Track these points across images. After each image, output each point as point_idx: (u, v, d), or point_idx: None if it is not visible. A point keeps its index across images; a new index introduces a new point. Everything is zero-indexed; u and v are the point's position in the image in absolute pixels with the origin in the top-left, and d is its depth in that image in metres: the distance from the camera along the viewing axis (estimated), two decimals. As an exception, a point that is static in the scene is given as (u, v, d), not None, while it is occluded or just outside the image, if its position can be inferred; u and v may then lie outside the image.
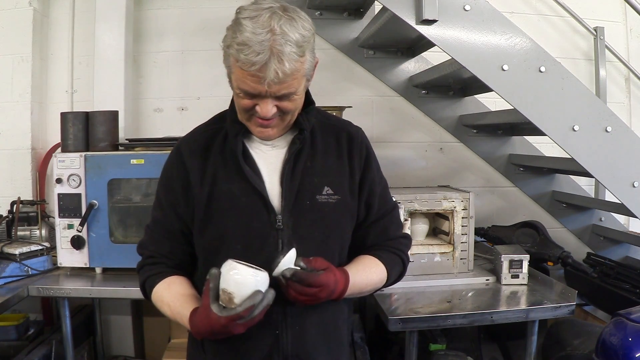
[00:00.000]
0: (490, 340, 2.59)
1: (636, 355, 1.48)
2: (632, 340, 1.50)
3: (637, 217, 2.06)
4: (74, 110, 2.61)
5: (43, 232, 2.49)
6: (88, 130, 2.31)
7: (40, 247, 2.22)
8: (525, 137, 2.89)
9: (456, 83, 2.74)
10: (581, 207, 2.86)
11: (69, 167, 2.17)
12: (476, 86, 2.65)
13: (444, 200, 2.15)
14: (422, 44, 2.67)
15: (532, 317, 1.87)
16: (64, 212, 2.17)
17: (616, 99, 3.03)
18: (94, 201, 2.16)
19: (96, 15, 2.62)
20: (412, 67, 2.85)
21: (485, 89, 2.14)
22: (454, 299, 1.95)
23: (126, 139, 2.48)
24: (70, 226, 2.17)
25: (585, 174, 2.14)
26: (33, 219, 2.53)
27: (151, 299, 1.23)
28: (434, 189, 2.40)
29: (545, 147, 2.88)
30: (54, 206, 2.23)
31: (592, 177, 2.08)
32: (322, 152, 1.23)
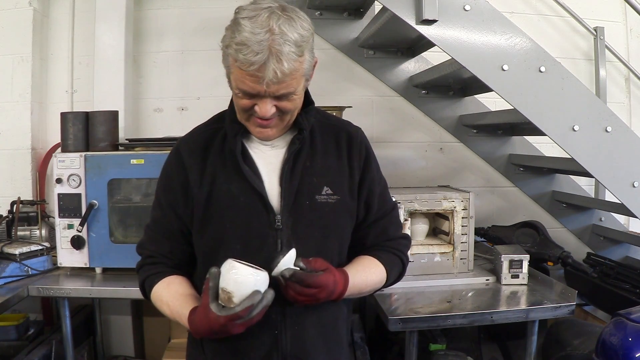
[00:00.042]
0: (490, 340, 2.59)
1: (636, 355, 1.47)
2: (632, 340, 1.50)
3: (637, 217, 2.06)
4: (74, 110, 2.61)
5: (43, 232, 2.49)
6: (88, 130, 2.32)
7: (40, 247, 2.22)
8: (525, 137, 2.89)
9: (456, 83, 2.73)
10: (581, 207, 2.86)
11: (69, 167, 2.17)
12: (476, 86, 2.65)
13: (444, 200, 2.15)
14: (422, 44, 2.67)
15: (532, 317, 1.86)
16: (64, 212, 2.18)
17: (616, 99, 3.03)
18: (94, 201, 2.16)
19: (96, 15, 2.62)
20: (412, 67, 2.85)
21: (485, 89, 2.14)
22: (454, 299, 1.95)
23: (126, 139, 2.48)
24: (70, 226, 2.18)
25: (585, 174, 2.14)
26: (33, 219, 2.53)
27: (150, 299, 1.23)
28: (434, 189, 2.40)
29: (545, 147, 2.88)
30: (54, 206, 2.23)
31: (592, 177, 2.07)
32: (322, 152, 1.23)
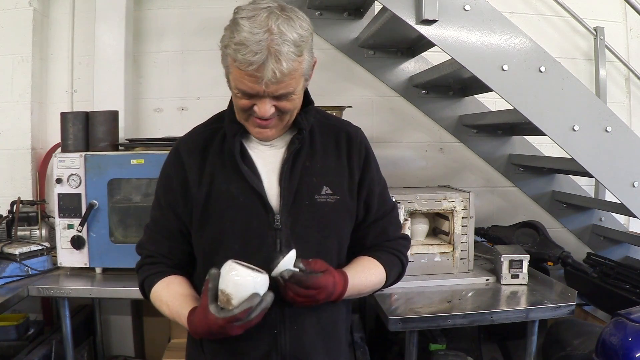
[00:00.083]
0: (490, 340, 2.58)
1: (636, 355, 1.47)
2: (632, 340, 1.50)
3: (637, 217, 2.06)
4: (74, 110, 2.61)
5: (43, 232, 2.49)
6: (88, 130, 2.32)
7: (40, 247, 2.22)
8: (525, 137, 2.89)
9: (456, 83, 2.73)
10: (581, 207, 2.86)
11: (69, 167, 2.17)
12: (476, 86, 2.64)
13: (444, 200, 2.14)
14: (422, 44, 2.67)
15: (532, 317, 1.86)
16: (64, 212, 2.18)
17: (616, 99, 3.03)
18: (94, 201, 2.16)
19: (96, 15, 2.62)
20: (412, 67, 2.85)
21: (485, 89, 2.13)
22: (454, 299, 1.95)
23: (126, 139, 2.48)
24: (70, 226, 2.17)
25: (585, 174, 2.14)
26: (33, 219, 2.53)
27: (150, 299, 1.23)
28: (434, 189, 2.40)
29: (545, 147, 2.88)
30: (54, 206, 2.23)
31: (592, 177, 2.07)
32: (321, 152, 1.23)
